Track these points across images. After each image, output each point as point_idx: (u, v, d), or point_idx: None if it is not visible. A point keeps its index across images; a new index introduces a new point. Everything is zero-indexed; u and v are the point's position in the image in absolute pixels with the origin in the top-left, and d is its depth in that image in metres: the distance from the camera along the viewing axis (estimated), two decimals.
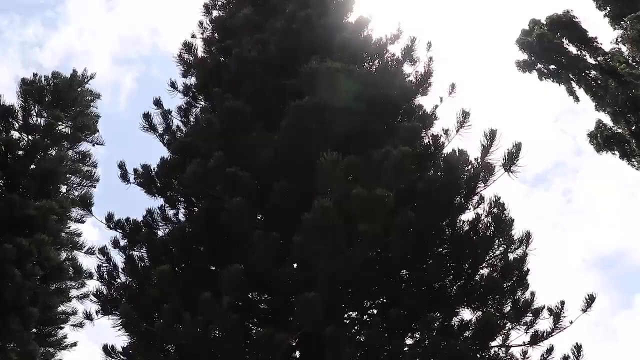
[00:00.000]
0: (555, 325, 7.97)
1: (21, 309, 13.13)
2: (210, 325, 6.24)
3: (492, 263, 8.36)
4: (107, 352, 8.11)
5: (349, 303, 8.12)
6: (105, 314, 8.33)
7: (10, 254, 12.46)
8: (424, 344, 7.25)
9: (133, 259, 8.49)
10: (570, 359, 7.95)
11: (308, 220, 6.20)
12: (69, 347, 15.07)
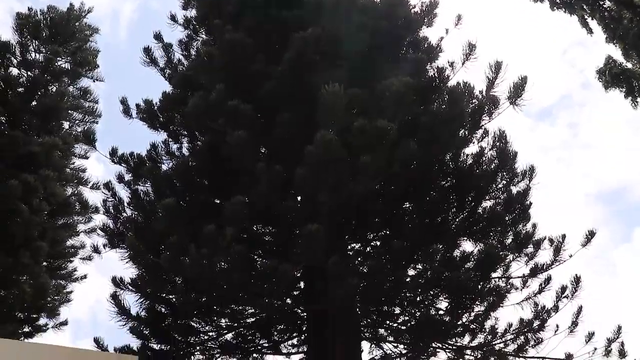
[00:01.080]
0: (555, 258, 8.11)
1: (31, 244, 13.35)
2: (215, 257, 6.33)
3: (495, 196, 8.41)
4: (116, 284, 8.29)
5: (352, 235, 8.23)
6: (113, 247, 8.48)
7: (17, 190, 12.54)
8: (426, 275, 7.39)
9: (138, 193, 8.56)
10: (568, 289, 8.14)
11: (310, 153, 6.18)
12: (79, 280, 15.44)
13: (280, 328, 8.68)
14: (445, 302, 7.93)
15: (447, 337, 8.06)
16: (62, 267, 15.18)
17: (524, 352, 8.40)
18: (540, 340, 8.29)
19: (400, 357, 8.82)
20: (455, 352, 8.57)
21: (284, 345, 8.84)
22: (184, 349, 8.50)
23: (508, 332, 8.30)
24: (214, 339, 8.59)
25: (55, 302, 15.22)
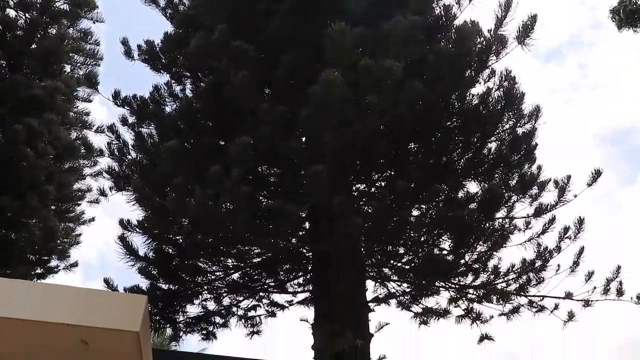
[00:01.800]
0: (559, 199, 8.13)
1: (38, 188, 13.47)
2: (220, 198, 6.36)
3: (501, 137, 8.37)
4: (124, 226, 8.40)
5: (357, 176, 8.25)
6: (119, 190, 8.54)
7: (21, 134, 12.54)
8: (430, 215, 7.45)
9: (142, 136, 8.55)
10: (571, 230, 8.20)
11: (315, 92, 6.11)
12: (88, 222, 15.66)
13: (286, 268, 8.84)
14: (449, 242, 8.01)
15: (450, 276, 8.20)
16: (70, 210, 15.35)
17: (525, 291, 8.56)
18: (542, 279, 8.44)
19: (404, 296, 9.02)
20: (458, 291, 8.74)
21: (289, 285, 9.03)
22: (191, 289, 8.69)
23: (510, 271, 8.43)
24: (221, 279, 8.78)
25: (65, 244, 15.50)
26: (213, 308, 9.02)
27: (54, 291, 5.29)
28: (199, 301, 8.89)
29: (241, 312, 9.25)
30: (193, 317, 8.94)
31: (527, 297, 8.66)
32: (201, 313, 8.97)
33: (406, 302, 9.13)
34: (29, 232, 13.73)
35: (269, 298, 9.24)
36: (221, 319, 9.15)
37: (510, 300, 8.76)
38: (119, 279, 8.64)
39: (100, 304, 5.14)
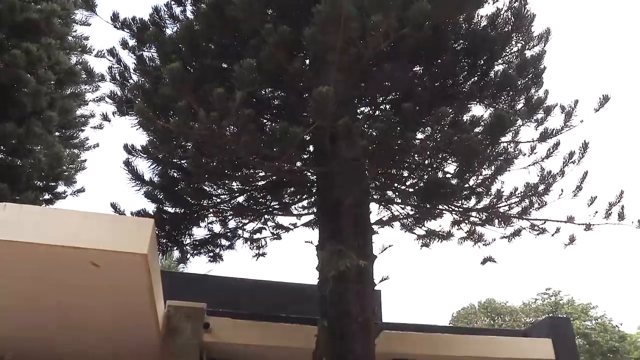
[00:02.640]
0: (565, 123, 8.05)
1: (41, 114, 13.45)
2: (224, 121, 6.31)
3: (509, 60, 8.22)
4: (128, 151, 8.42)
5: (362, 98, 8.16)
6: (122, 115, 8.48)
7: (20, 59, 12.38)
8: (435, 138, 7.41)
9: (143, 59, 8.40)
10: (575, 154, 8.18)
11: (319, 11, 5.93)
12: (92, 148, 15.77)
13: (291, 190, 8.92)
14: (453, 166, 8.04)
15: (453, 199, 8.27)
16: (74, 136, 15.42)
17: (527, 215, 8.66)
18: (544, 203, 8.51)
19: (407, 218, 9.14)
20: (461, 214, 8.84)
21: (294, 207, 9.16)
22: (197, 212, 8.82)
23: (513, 195, 8.49)
24: (227, 202, 8.89)
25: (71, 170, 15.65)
26: (219, 231, 9.20)
27: (63, 216, 5.37)
28: (205, 224, 9.07)
29: (247, 235, 9.46)
30: (199, 240, 9.14)
31: (529, 220, 8.77)
32: (207, 235, 9.15)
33: (409, 225, 9.27)
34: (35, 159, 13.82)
35: (274, 220, 9.40)
36: (227, 241, 9.36)
37: (512, 223, 8.89)
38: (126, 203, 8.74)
39: (108, 228, 5.23)
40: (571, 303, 34.78)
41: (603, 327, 32.23)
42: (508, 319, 36.79)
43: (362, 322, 7.10)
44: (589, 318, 33.63)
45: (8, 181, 13.23)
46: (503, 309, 37.63)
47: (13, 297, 6.63)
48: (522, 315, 35.77)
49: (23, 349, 8.87)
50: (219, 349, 8.76)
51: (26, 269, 5.68)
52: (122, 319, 7.14)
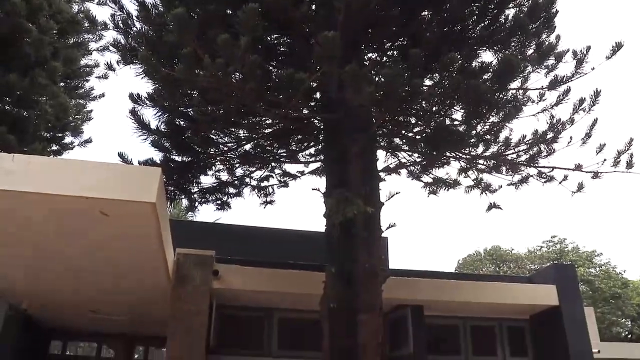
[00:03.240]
0: (576, 70, 7.90)
1: (44, 64, 13.33)
2: (230, 68, 6.23)
3: (519, 3, 7.99)
4: (134, 100, 8.35)
5: (369, 44, 8.01)
6: (126, 64, 8.36)
7: (20, 8, 12.17)
8: (443, 85, 7.30)
9: (146, 6, 8.22)
10: (586, 102, 8.05)
11: None
12: (98, 98, 15.70)
13: (298, 138, 8.89)
14: (461, 113, 7.95)
15: (460, 146, 8.22)
16: (80, 87, 15.33)
17: (535, 162, 8.62)
18: (552, 151, 8.45)
19: (414, 166, 9.12)
20: (468, 161, 8.81)
21: (301, 155, 9.15)
22: (204, 160, 8.83)
23: (521, 142, 8.43)
24: (234, 150, 8.88)
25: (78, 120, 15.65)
26: (226, 178, 9.23)
27: (71, 166, 5.38)
28: (212, 172, 9.10)
29: (254, 182, 9.49)
30: (207, 188, 9.18)
31: (536, 168, 8.74)
32: (215, 183, 9.19)
33: (416, 172, 9.26)
34: (41, 110, 13.80)
35: (281, 168, 9.41)
36: (235, 189, 9.40)
37: (520, 171, 8.87)
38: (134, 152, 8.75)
39: (116, 177, 5.26)
40: (576, 250, 35.09)
41: (607, 274, 32.61)
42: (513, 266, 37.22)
43: (369, 269, 7.19)
44: (593, 265, 33.99)
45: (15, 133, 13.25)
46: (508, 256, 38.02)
47: (25, 247, 6.75)
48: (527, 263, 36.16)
49: (37, 298, 9.09)
50: (227, 296, 8.94)
51: (36, 219, 5.75)
52: (132, 267, 7.27)
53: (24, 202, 5.28)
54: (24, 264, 7.40)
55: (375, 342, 7.00)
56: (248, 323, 9.56)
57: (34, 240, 6.46)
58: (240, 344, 9.33)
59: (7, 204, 5.34)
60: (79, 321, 10.68)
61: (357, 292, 7.04)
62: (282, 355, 9.30)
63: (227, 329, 9.22)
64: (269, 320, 9.55)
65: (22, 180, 5.01)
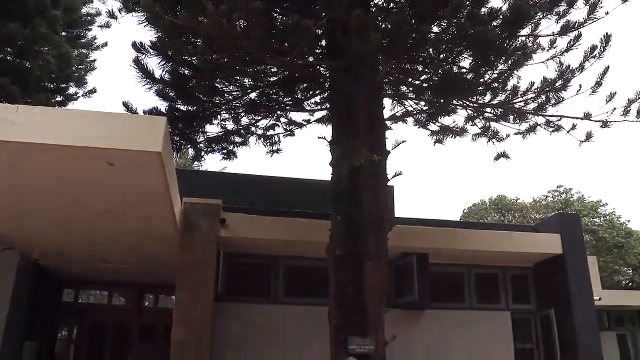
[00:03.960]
0: (589, 16, 7.70)
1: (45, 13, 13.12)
2: (234, 14, 6.11)
3: None
4: (137, 49, 8.23)
5: None
6: (129, 11, 8.20)
7: None
8: (450, 31, 7.16)
9: None
10: (597, 49, 7.89)
11: None
12: (101, 48, 15.51)
13: (303, 86, 8.80)
14: (469, 60, 7.82)
15: (468, 94, 8.13)
16: (82, 36, 15.13)
17: (543, 111, 8.54)
18: (561, 99, 8.36)
19: (421, 114, 9.05)
20: (476, 109, 8.74)
21: (307, 103, 9.07)
22: (210, 109, 8.78)
23: (530, 91, 8.34)
24: (239, 98, 8.81)
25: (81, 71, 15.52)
26: (232, 128, 9.20)
27: (76, 116, 5.35)
28: (217, 121, 9.07)
29: (260, 131, 9.46)
30: (213, 137, 9.17)
31: (544, 116, 8.67)
32: (220, 133, 9.17)
33: (423, 120, 9.20)
34: (43, 60, 13.67)
35: (287, 117, 9.35)
36: (240, 138, 9.38)
37: (528, 120, 8.79)
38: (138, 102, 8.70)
39: (121, 127, 5.23)
40: (581, 200, 35.13)
41: (611, 223, 32.74)
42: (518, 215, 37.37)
43: (375, 217, 7.24)
44: (598, 215, 34.08)
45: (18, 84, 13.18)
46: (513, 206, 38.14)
47: (33, 199, 6.80)
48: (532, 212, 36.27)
49: (47, 249, 9.23)
50: (234, 244, 9.04)
51: (43, 170, 5.77)
52: (140, 216, 7.34)
53: (29, 154, 5.29)
54: (32, 216, 7.48)
55: (380, 289, 7.12)
56: (255, 271, 9.71)
57: (41, 192, 6.50)
58: (248, 291, 9.51)
59: (13, 155, 5.35)
60: (90, 270, 10.87)
61: (363, 239, 7.11)
62: (288, 302, 9.48)
63: (235, 277, 9.38)
64: (275, 268, 9.69)
65: (27, 132, 5.00)
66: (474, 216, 37.66)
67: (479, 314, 10.30)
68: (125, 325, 12.21)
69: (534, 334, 10.66)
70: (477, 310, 10.36)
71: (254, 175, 12.10)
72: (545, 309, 10.48)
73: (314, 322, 8.14)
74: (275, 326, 9.24)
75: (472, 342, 9.95)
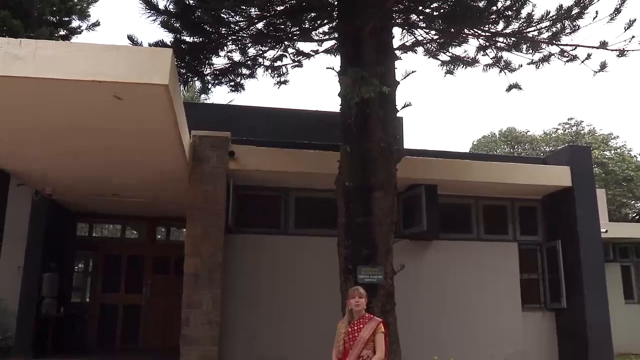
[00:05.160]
0: None
1: None
2: None
3: None
4: None
5: None
6: None
7: None
8: None
9: None
10: None
11: None
12: None
13: (311, 16, 8.57)
14: None
15: (480, 23, 7.92)
16: None
17: (557, 40, 8.33)
18: (577, 27, 8.13)
19: (432, 44, 8.85)
20: (487, 39, 8.53)
21: (315, 33, 8.86)
22: (216, 40, 8.61)
23: (544, 19, 8.09)
24: (245, 29, 8.61)
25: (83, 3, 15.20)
26: (239, 59, 9.04)
27: (80, 50, 5.24)
28: (224, 53, 8.90)
29: (267, 63, 9.31)
30: (220, 69, 9.04)
31: (559, 46, 8.46)
32: (227, 65, 9.03)
33: (433, 50, 9.00)
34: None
35: (295, 47, 9.14)
36: (248, 70, 9.25)
37: (541, 49, 8.59)
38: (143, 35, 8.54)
39: (127, 60, 5.13)
40: (592, 133, 34.80)
41: (621, 157, 32.53)
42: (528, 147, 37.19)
43: (384, 148, 7.23)
44: (609, 148, 33.83)
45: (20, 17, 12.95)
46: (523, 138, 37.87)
47: (42, 135, 6.81)
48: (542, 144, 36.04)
49: (59, 184, 9.33)
50: (244, 176, 9.09)
51: (50, 105, 5.74)
52: (149, 150, 7.35)
53: (35, 89, 5.24)
54: (41, 152, 7.51)
55: (389, 219, 7.20)
56: (265, 203, 9.78)
57: (49, 127, 6.49)
58: (258, 223, 9.62)
59: (18, 91, 5.31)
60: (103, 205, 11.01)
61: (372, 170, 7.13)
62: (298, 232, 9.60)
63: (245, 209, 9.47)
64: (285, 200, 9.76)
65: (31, 66, 4.93)
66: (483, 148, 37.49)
67: (486, 245, 10.42)
68: (138, 258, 12.50)
69: (539, 265, 10.82)
70: (484, 241, 10.48)
71: (262, 107, 11.99)
72: (551, 240, 10.58)
73: (323, 253, 8.30)
74: (286, 257, 9.41)
75: (478, 272, 10.12)
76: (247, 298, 9.07)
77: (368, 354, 4.99)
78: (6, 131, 6.66)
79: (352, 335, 5.08)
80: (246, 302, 9.04)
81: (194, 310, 8.16)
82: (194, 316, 8.16)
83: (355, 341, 5.04)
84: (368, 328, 5.07)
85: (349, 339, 5.08)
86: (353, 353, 5.00)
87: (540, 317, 10.42)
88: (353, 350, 5.01)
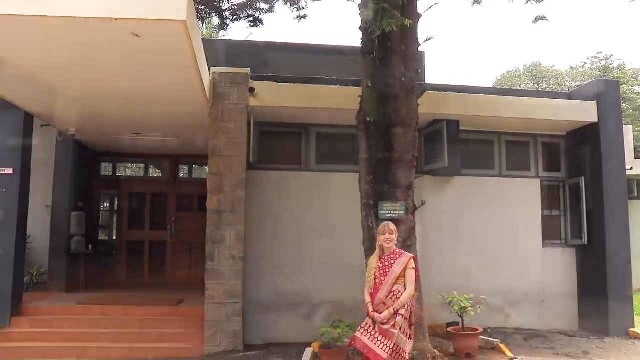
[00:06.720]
0: None
1: None
2: None
3: None
4: None
5: None
6: None
7: None
8: None
9: None
10: None
11: None
12: None
13: None
14: None
15: None
16: None
17: None
18: None
19: None
20: None
21: None
22: None
23: None
24: None
25: None
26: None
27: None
28: None
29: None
30: (238, 4, 8.88)
31: None
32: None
33: None
34: None
35: None
36: (266, 4, 9.07)
37: None
38: None
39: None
40: (621, 68, 33.71)
41: None
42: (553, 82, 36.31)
43: (406, 83, 7.12)
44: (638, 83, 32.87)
45: None
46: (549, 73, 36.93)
47: (62, 75, 6.81)
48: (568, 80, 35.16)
49: (83, 124, 9.42)
50: (265, 113, 9.06)
51: (67, 46, 5.71)
52: (169, 88, 7.33)
53: (51, 28, 5.20)
54: (63, 92, 7.53)
55: (410, 154, 7.18)
56: (286, 139, 9.77)
57: (68, 67, 6.47)
58: (279, 159, 9.64)
59: (34, 30, 5.28)
60: (125, 144, 11.11)
61: (394, 106, 7.06)
62: (319, 169, 9.62)
63: (266, 145, 9.48)
64: (306, 136, 9.73)
65: (46, 5, 4.89)
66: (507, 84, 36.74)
67: (508, 181, 10.36)
68: (162, 195, 12.71)
69: (562, 202, 10.76)
70: (506, 177, 10.41)
71: (282, 42, 11.78)
72: (575, 177, 10.47)
73: (344, 189, 8.35)
74: (307, 192, 9.47)
75: (500, 208, 10.12)
76: (269, 234, 9.22)
77: (399, 289, 5.10)
78: (28, 72, 6.67)
79: (383, 270, 5.17)
80: (268, 238, 9.21)
81: (218, 246, 8.36)
82: (218, 251, 8.35)
83: (386, 276, 5.13)
84: (400, 263, 5.16)
85: (380, 274, 5.17)
86: (384, 289, 5.11)
87: (560, 252, 10.46)
88: (384, 285, 5.11)
